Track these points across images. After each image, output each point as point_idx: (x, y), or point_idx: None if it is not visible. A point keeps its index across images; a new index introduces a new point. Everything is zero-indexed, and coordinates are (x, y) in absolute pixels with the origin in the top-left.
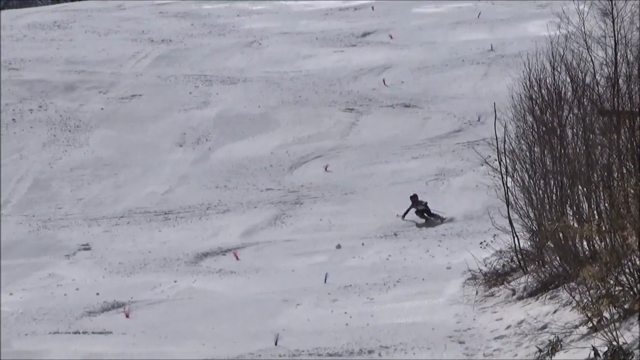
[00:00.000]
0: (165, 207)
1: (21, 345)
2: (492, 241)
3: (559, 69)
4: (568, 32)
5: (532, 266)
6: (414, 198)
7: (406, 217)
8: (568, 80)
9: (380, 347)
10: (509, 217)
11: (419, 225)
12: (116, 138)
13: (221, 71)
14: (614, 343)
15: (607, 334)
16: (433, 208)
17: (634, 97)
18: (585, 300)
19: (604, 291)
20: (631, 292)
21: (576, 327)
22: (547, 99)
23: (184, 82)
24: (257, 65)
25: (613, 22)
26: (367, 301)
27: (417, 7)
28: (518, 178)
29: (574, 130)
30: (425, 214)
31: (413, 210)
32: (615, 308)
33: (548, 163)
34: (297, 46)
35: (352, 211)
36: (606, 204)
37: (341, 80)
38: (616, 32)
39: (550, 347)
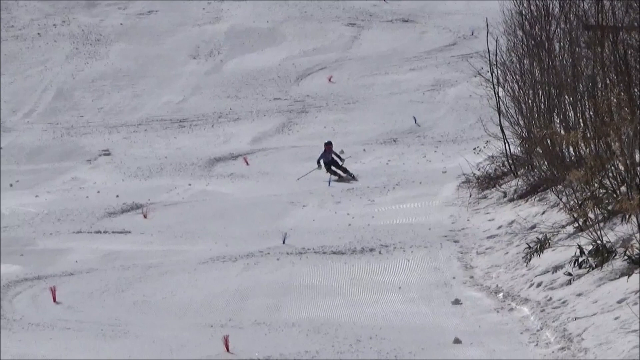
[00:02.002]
0: (180, 116)
1: (46, 244)
2: (484, 147)
3: None
4: None
5: (522, 170)
6: (327, 145)
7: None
8: None
9: (381, 245)
10: (500, 124)
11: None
12: (134, 51)
13: None
14: (598, 242)
15: (591, 234)
16: (348, 166)
17: (617, 12)
18: (571, 202)
19: (589, 194)
20: (614, 195)
21: (563, 227)
22: (535, 14)
23: None
24: None
25: None
26: (368, 203)
27: None
28: (509, 88)
29: (561, 43)
30: (332, 167)
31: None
32: (599, 209)
33: (537, 74)
34: None
35: (354, 119)
36: (591, 113)
37: None
38: None
39: (539, 245)
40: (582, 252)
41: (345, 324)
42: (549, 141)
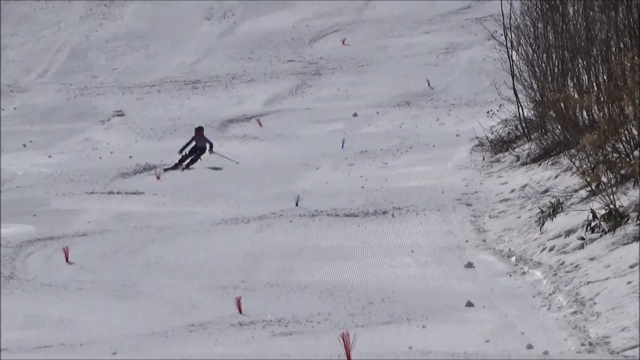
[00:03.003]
0: (194, 77)
1: (59, 205)
2: (498, 110)
3: None
4: None
5: (535, 134)
6: (199, 131)
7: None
8: None
9: (394, 208)
10: (514, 88)
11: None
12: (148, 12)
13: None
14: (611, 206)
15: (604, 198)
16: (222, 153)
17: None
18: (584, 166)
19: (602, 158)
20: (627, 159)
21: (576, 191)
22: None
23: None
24: None
25: None
26: (382, 166)
27: None
28: (522, 52)
29: (575, 7)
30: (194, 156)
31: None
32: (612, 173)
33: (550, 38)
34: None
35: (367, 82)
36: (604, 77)
37: None
38: None
39: (552, 209)
40: (594, 216)
41: (358, 287)
42: (562, 105)
